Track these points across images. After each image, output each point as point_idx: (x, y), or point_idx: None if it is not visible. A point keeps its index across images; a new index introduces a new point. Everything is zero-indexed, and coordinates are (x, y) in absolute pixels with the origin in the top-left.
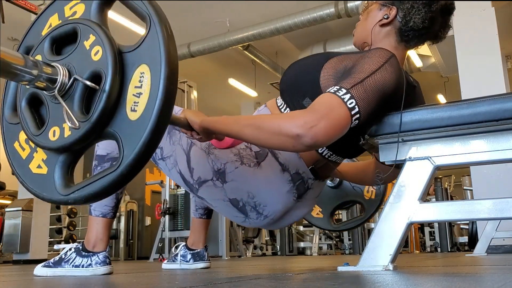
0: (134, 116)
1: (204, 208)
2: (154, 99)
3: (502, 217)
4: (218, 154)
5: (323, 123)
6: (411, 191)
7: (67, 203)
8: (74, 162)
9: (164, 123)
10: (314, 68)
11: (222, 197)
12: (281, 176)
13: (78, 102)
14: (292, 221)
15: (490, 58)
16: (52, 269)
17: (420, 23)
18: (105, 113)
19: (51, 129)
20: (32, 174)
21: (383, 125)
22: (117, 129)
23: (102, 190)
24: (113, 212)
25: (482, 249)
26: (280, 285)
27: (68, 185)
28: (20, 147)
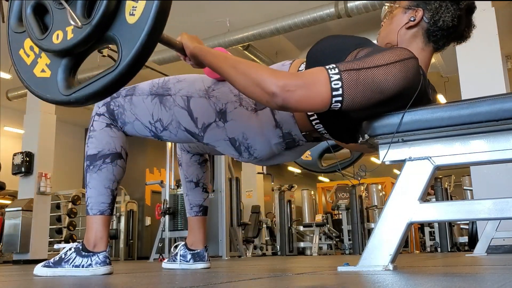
0: (132, 19)
1: (199, 205)
2: (151, 4)
3: (502, 217)
4: (219, 96)
5: (300, 92)
6: (411, 191)
7: (69, 103)
8: (76, 65)
9: (160, 27)
10: (344, 49)
11: (224, 136)
12: (273, 130)
13: (81, 7)
14: (280, 162)
15: (490, 58)
16: (52, 269)
17: (450, 22)
18: (105, 16)
19: (55, 32)
20: (36, 78)
21: (383, 125)
22: (117, 32)
23: (103, 88)
24: (110, 209)
25: (482, 249)
26: (280, 285)
27: (70, 86)
28: (25, 54)
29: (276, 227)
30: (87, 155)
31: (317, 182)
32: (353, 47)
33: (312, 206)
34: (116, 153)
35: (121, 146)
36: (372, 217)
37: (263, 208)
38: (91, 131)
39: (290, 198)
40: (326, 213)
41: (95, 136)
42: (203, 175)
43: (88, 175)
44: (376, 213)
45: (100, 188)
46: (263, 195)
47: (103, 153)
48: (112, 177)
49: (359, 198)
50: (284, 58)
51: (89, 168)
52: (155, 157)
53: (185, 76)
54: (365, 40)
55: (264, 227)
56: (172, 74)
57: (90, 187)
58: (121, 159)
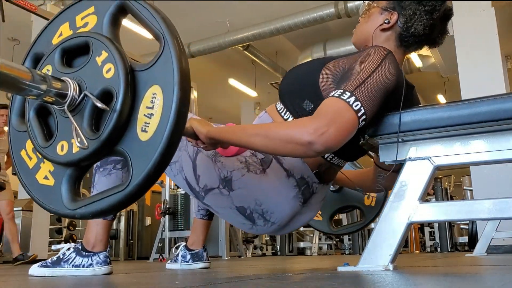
0: (145, 136)
1: (207, 209)
2: (166, 122)
3: (502, 217)
4: (225, 162)
5: (333, 129)
6: (411, 191)
7: (74, 218)
8: (82, 176)
9: (174, 146)
10: (312, 72)
11: (229, 205)
12: (286, 181)
13: (88, 119)
14: (298, 226)
15: (490, 58)
16: (50, 269)
17: (421, 30)
18: (115, 132)
19: (59, 143)
20: (38, 185)
21: (383, 125)
22: (127, 148)
23: (110, 208)
24: (113, 214)
25: (482, 249)
26: (280, 285)
27: (75, 199)
28: (27, 156)
29: None
30: None
31: None
32: (320, 64)
33: None
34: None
35: None
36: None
37: None
38: None
39: None
40: None
41: None
42: None
43: (97, 175)
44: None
45: None
46: None
47: (115, 157)
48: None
49: None
50: (284, 58)
51: (99, 170)
52: None
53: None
54: (323, 58)
55: None
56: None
57: (97, 189)
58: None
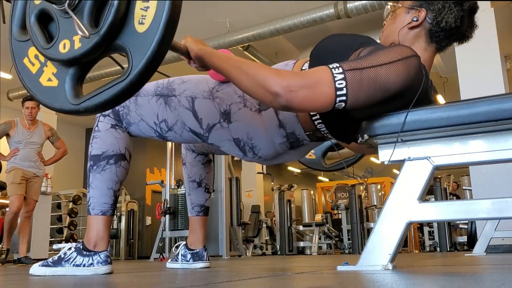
0: (142, 28)
1: (200, 205)
2: (161, 12)
3: (501, 216)
4: (223, 97)
5: (303, 92)
6: (411, 191)
7: (79, 112)
8: (84, 74)
9: (170, 35)
10: (348, 48)
11: (228, 137)
12: (277, 130)
13: (88, 16)
14: (285, 161)
15: (489, 58)
16: (51, 268)
17: (453, 22)
18: (113, 26)
19: (62, 42)
20: (42, 87)
21: (383, 125)
22: (126, 41)
23: (113, 98)
24: (112, 209)
25: (481, 249)
26: (280, 285)
27: (78, 95)
28: (30, 62)
29: (276, 227)
30: (91, 155)
31: (317, 182)
32: (356, 45)
33: (312, 206)
34: (120, 154)
35: (125, 148)
36: (372, 217)
37: (263, 208)
38: (96, 132)
39: (289, 198)
40: (326, 213)
41: (99, 137)
42: (206, 175)
43: (91, 175)
44: (376, 212)
45: (102, 189)
46: (263, 195)
47: (107, 154)
48: (115, 178)
49: (359, 198)
50: (284, 58)
51: (92, 168)
52: (155, 157)
53: (190, 77)
54: (368, 38)
55: (264, 226)
56: (174, 74)
57: (93, 187)
58: (124, 160)
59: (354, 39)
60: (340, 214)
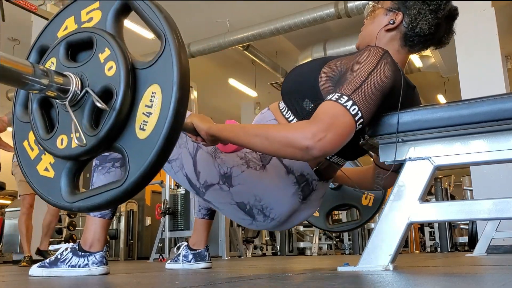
0: (143, 135)
1: (207, 208)
2: (164, 121)
3: (502, 217)
4: (225, 158)
5: (331, 134)
6: (411, 191)
7: (72, 210)
8: (81, 169)
9: (171, 145)
10: (312, 72)
11: (229, 200)
12: (286, 178)
13: (88, 115)
14: (298, 222)
15: (490, 58)
16: (48, 269)
17: (427, 29)
18: (113, 130)
19: (59, 136)
20: (39, 176)
21: (383, 126)
22: (125, 145)
23: (106, 203)
24: (112, 213)
25: (482, 249)
26: (280, 285)
27: (73, 192)
28: (29, 146)
29: None
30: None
31: None
32: (320, 64)
33: None
34: None
35: None
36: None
37: None
38: None
39: None
40: None
41: None
42: None
43: (95, 174)
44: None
45: None
46: None
47: (114, 156)
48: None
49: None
50: (284, 58)
51: (97, 168)
52: None
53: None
54: (324, 57)
55: None
56: None
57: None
58: None
59: (313, 62)
60: (341, 215)
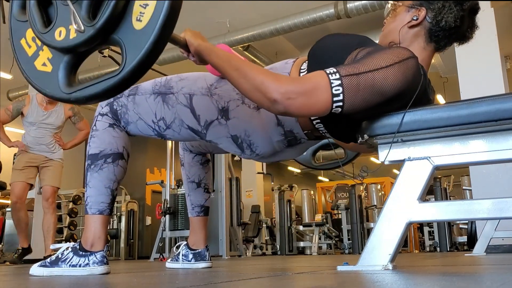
0: (139, 25)
1: (200, 205)
2: (159, 12)
3: (501, 217)
4: (221, 93)
5: (301, 99)
6: (411, 191)
7: (69, 101)
8: (79, 63)
9: (166, 36)
10: (346, 48)
11: (226, 134)
12: (275, 128)
13: (86, 6)
14: (282, 159)
15: (489, 58)
16: (48, 268)
17: (453, 22)
18: (110, 20)
19: (58, 29)
20: (36, 71)
21: (383, 126)
22: (122, 36)
23: (104, 91)
24: (109, 208)
25: (481, 249)
26: (280, 285)
27: (71, 84)
28: (27, 44)
29: (276, 227)
30: (88, 154)
31: (317, 182)
32: (354, 45)
33: (312, 206)
34: (118, 153)
35: (123, 147)
36: (372, 217)
37: (263, 208)
38: (94, 131)
39: (290, 198)
40: (326, 213)
41: (97, 136)
42: (205, 175)
43: (88, 174)
44: (376, 212)
45: (100, 188)
46: (263, 195)
47: (105, 152)
48: (113, 177)
49: (359, 198)
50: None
51: (90, 167)
52: (155, 157)
53: (187, 75)
54: (365, 38)
55: (264, 226)
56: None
57: (90, 186)
58: (122, 159)
59: (352, 39)
60: (340, 214)
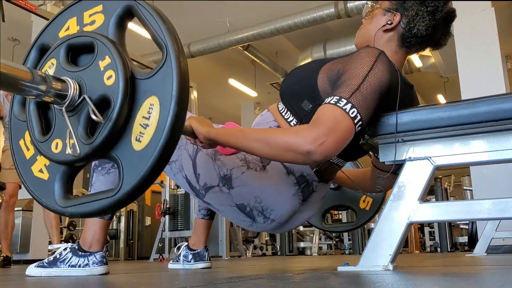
0: (138, 146)
1: (207, 209)
2: (160, 135)
3: (502, 217)
4: (224, 160)
5: (331, 138)
6: (411, 191)
7: (64, 215)
8: (75, 174)
9: (166, 159)
10: (310, 73)
11: (229, 202)
12: (286, 179)
13: (84, 121)
14: (298, 224)
15: (490, 58)
16: (47, 269)
17: (424, 31)
18: (108, 140)
19: (55, 140)
20: (33, 177)
21: (383, 126)
22: (120, 155)
23: (98, 211)
24: (111, 213)
25: (482, 249)
26: (280, 285)
27: (67, 196)
28: (25, 146)
29: None
30: None
31: None
32: (318, 65)
33: None
34: None
35: None
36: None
37: None
38: None
39: None
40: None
41: None
42: None
43: (94, 175)
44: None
45: None
46: None
47: None
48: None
49: None
50: (284, 58)
51: (97, 169)
52: None
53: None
54: (322, 59)
55: None
56: None
57: (95, 188)
58: None
59: (312, 63)
60: (341, 215)
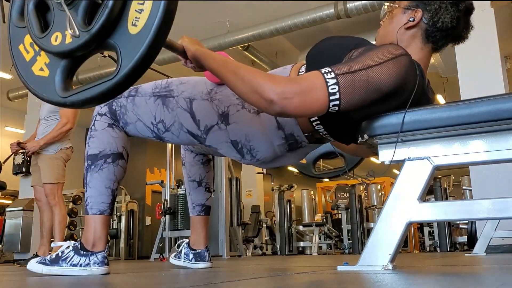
0: (134, 30)
1: (201, 204)
2: (154, 17)
3: (501, 217)
4: (221, 98)
5: (298, 99)
6: (411, 191)
7: (65, 105)
8: (75, 68)
9: (161, 40)
10: (343, 49)
11: (226, 139)
12: (275, 131)
13: (82, 13)
14: (282, 165)
15: (489, 58)
16: (48, 267)
17: (449, 23)
18: (105, 26)
19: (54, 34)
20: (34, 76)
21: (382, 125)
22: (117, 41)
23: (100, 94)
24: (110, 209)
25: (481, 249)
26: (280, 284)
27: (67, 88)
28: (25, 49)
29: (276, 227)
30: (88, 155)
31: (317, 182)
32: (351, 46)
33: (312, 206)
34: (117, 153)
35: (122, 147)
36: (372, 217)
37: (263, 208)
38: (93, 131)
39: (290, 198)
40: (326, 213)
41: (96, 136)
42: (206, 174)
43: (88, 174)
44: (376, 212)
45: (100, 188)
46: (263, 195)
47: (104, 153)
48: (113, 177)
49: (359, 198)
50: (284, 58)
51: (90, 168)
52: (155, 157)
53: (188, 78)
54: (362, 40)
55: (264, 226)
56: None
57: (91, 186)
58: (122, 159)
59: (350, 40)
60: (340, 214)
